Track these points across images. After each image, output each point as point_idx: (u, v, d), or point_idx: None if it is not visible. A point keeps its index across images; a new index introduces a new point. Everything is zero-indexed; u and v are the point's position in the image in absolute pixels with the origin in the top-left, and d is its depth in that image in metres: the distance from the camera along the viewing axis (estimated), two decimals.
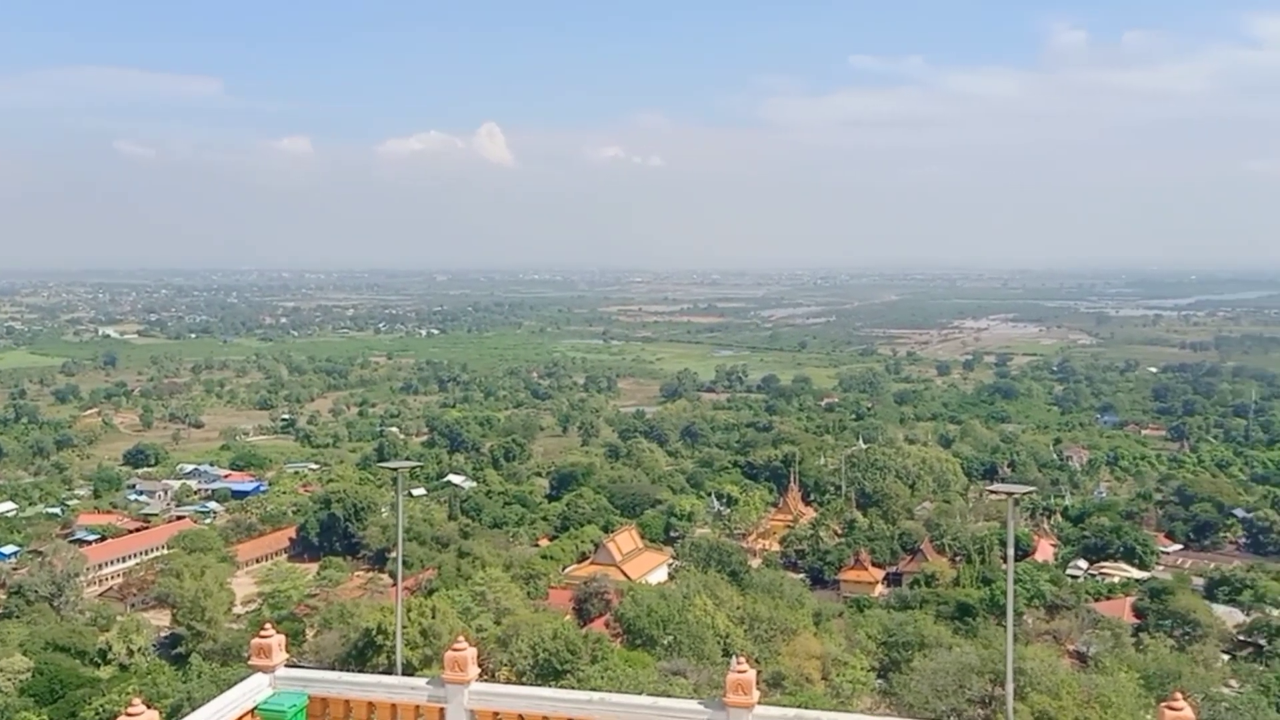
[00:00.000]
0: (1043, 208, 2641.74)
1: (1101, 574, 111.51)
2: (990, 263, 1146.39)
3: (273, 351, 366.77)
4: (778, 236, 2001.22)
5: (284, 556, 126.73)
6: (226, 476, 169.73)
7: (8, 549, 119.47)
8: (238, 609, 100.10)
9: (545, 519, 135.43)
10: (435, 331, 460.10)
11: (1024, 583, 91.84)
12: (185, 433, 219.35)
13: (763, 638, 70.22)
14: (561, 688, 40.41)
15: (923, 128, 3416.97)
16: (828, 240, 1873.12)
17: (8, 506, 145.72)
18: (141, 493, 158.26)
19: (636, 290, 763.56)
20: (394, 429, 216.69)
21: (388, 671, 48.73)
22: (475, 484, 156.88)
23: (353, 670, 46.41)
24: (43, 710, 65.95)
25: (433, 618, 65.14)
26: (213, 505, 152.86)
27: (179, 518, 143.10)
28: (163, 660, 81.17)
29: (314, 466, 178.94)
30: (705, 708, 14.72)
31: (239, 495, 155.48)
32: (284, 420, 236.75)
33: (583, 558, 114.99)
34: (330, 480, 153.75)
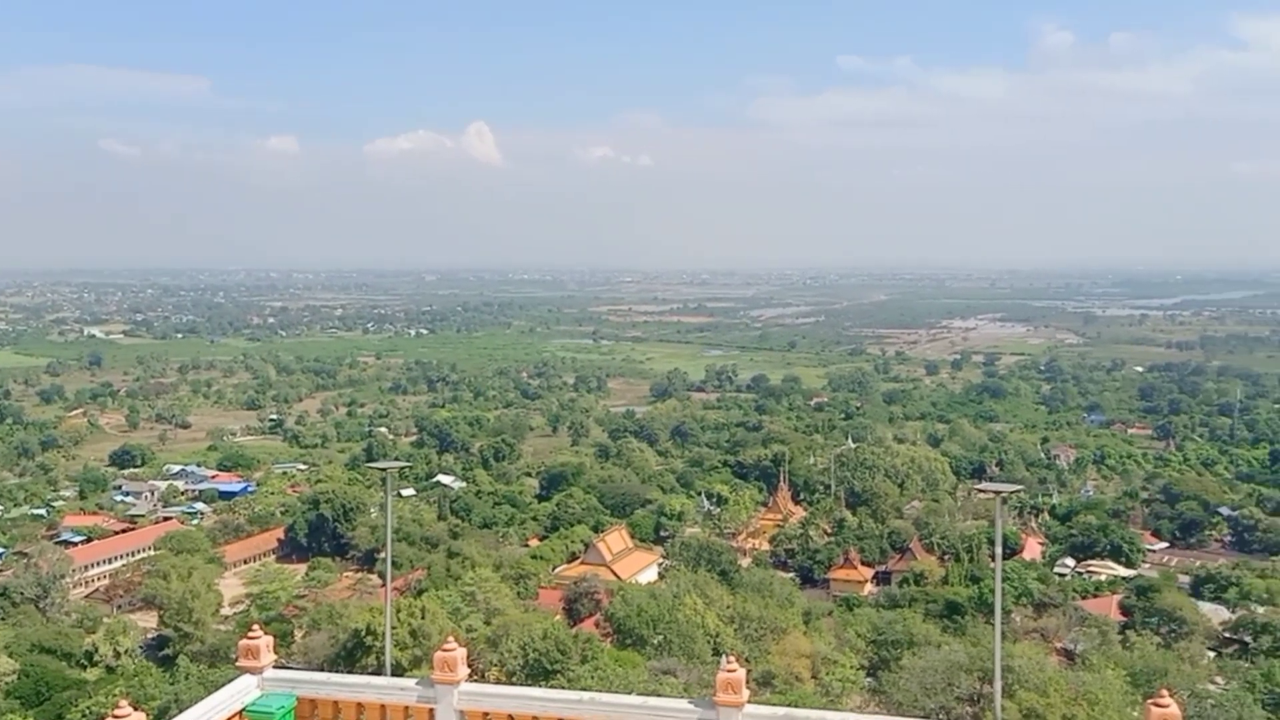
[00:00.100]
0: (1031, 208, 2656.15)
1: (1088, 572, 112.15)
2: (978, 263, 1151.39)
3: (260, 351, 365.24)
4: (767, 236, 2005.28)
5: (272, 557, 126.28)
6: (214, 477, 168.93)
7: None
8: (225, 610, 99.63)
9: (535, 519, 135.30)
10: (424, 331, 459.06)
11: (1012, 581, 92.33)
12: (172, 433, 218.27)
13: (752, 637, 70.30)
14: (552, 688, 40.38)
15: (911, 128, 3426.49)
16: (817, 240, 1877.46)
17: None
18: (128, 494, 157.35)
19: (626, 290, 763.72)
20: (383, 429, 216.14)
21: (377, 672, 48.48)
22: (465, 484, 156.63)
23: (341, 671, 46.30)
24: (29, 713, 65.46)
25: (422, 618, 64.91)
26: (200, 506, 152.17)
27: (166, 519, 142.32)
28: (150, 662, 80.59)
29: (302, 467, 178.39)
30: (695, 707, 14.75)
31: (226, 496, 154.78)
32: (272, 420, 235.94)
33: (573, 558, 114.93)
34: (319, 481, 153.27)
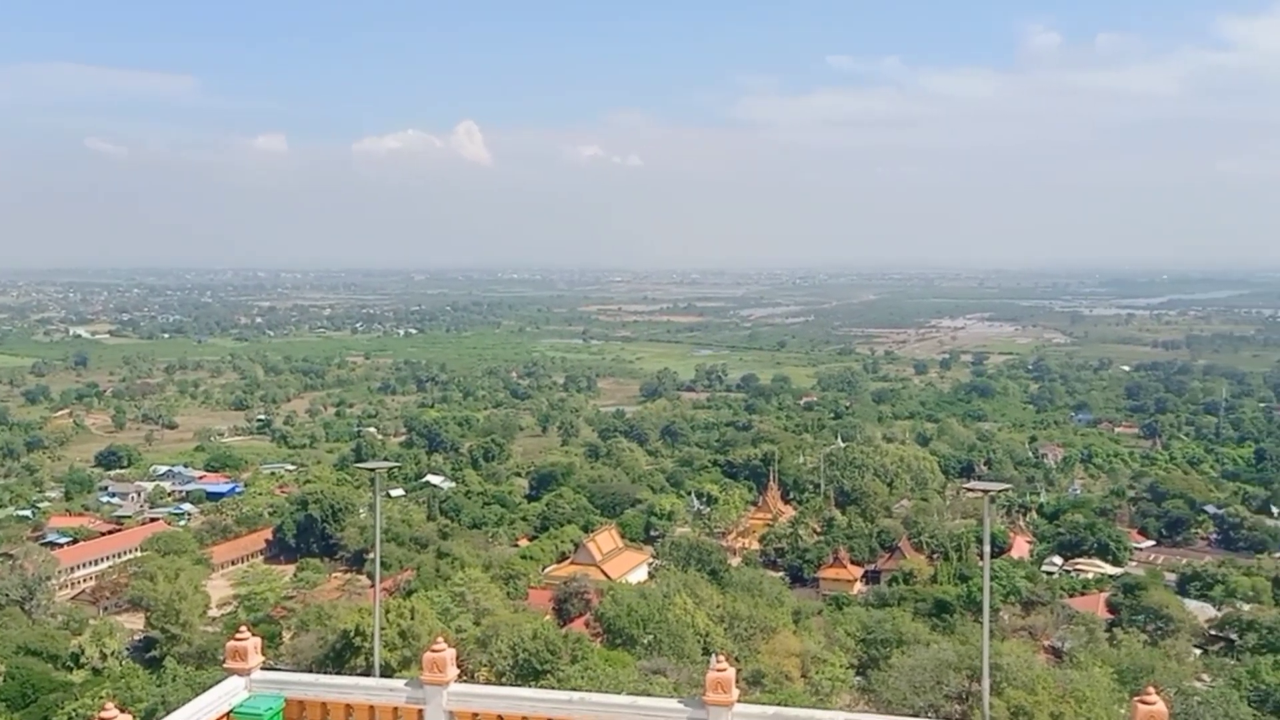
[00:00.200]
0: (1019, 208, 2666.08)
1: (1076, 570, 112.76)
2: (967, 262, 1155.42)
3: (248, 351, 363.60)
4: (757, 236, 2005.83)
5: (260, 558, 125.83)
6: (201, 478, 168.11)
7: None
8: (213, 612, 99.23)
9: (525, 519, 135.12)
10: (413, 331, 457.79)
11: (1000, 579, 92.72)
12: (159, 434, 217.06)
13: (742, 636, 70.36)
14: (541, 688, 40.33)
15: (900, 128, 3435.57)
16: (806, 240, 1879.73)
17: None
18: (114, 495, 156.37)
19: (616, 290, 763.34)
20: (371, 429, 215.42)
21: (365, 673, 48.31)
22: (454, 484, 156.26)
23: (330, 672, 46.07)
24: (14, 715, 65.11)
25: (411, 619, 64.71)
26: (187, 507, 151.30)
27: (153, 520, 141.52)
28: (136, 664, 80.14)
29: (290, 467, 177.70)
30: (685, 706, 14.75)
31: (214, 497, 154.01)
32: (260, 421, 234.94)
33: (562, 558, 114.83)
34: (307, 481, 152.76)
